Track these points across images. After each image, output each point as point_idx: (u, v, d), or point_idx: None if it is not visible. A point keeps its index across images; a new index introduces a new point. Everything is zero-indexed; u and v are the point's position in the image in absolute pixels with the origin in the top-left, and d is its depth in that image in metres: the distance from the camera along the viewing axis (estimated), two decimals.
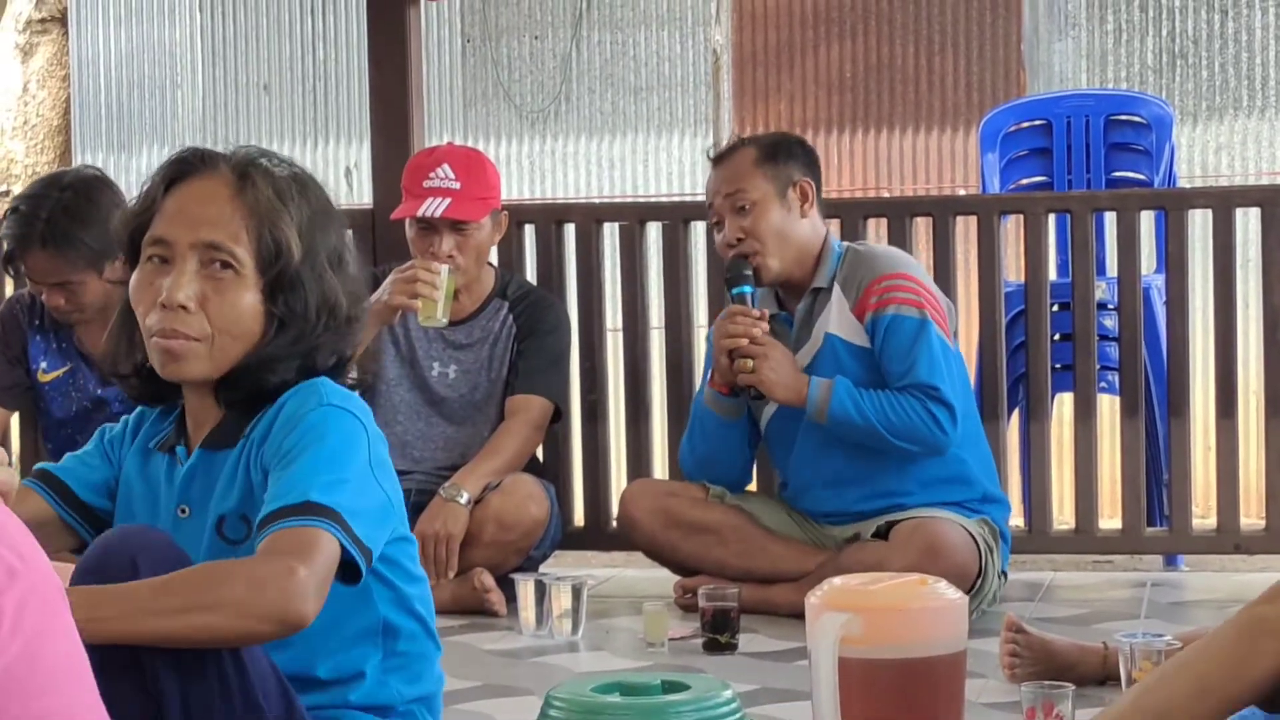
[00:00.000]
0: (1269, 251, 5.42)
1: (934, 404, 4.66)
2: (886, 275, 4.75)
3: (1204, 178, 9.41)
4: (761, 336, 4.76)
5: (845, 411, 4.68)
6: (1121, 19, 9.73)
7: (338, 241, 2.63)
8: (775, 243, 4.79)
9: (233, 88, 10.89)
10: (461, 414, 5.23)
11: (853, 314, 4.76)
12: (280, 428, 2.53)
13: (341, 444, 2.49)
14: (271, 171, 2.59)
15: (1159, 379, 5.70)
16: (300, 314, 2.56)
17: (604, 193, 10.24)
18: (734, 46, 10.19)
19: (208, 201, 2.55)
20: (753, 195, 4.79)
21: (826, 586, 2.76)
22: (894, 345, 4.70)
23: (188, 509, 2.60)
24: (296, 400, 2.55)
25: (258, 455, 2.55)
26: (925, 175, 10.04)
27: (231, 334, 2.54)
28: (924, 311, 4.70)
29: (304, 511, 2.40)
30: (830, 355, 4.78)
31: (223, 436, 2.60)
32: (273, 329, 2.56)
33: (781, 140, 4.95)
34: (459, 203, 5.09)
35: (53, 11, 11.74)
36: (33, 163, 11.72)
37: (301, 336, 2.57)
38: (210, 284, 2.53)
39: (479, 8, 10.48)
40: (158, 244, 2.56)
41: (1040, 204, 5.61)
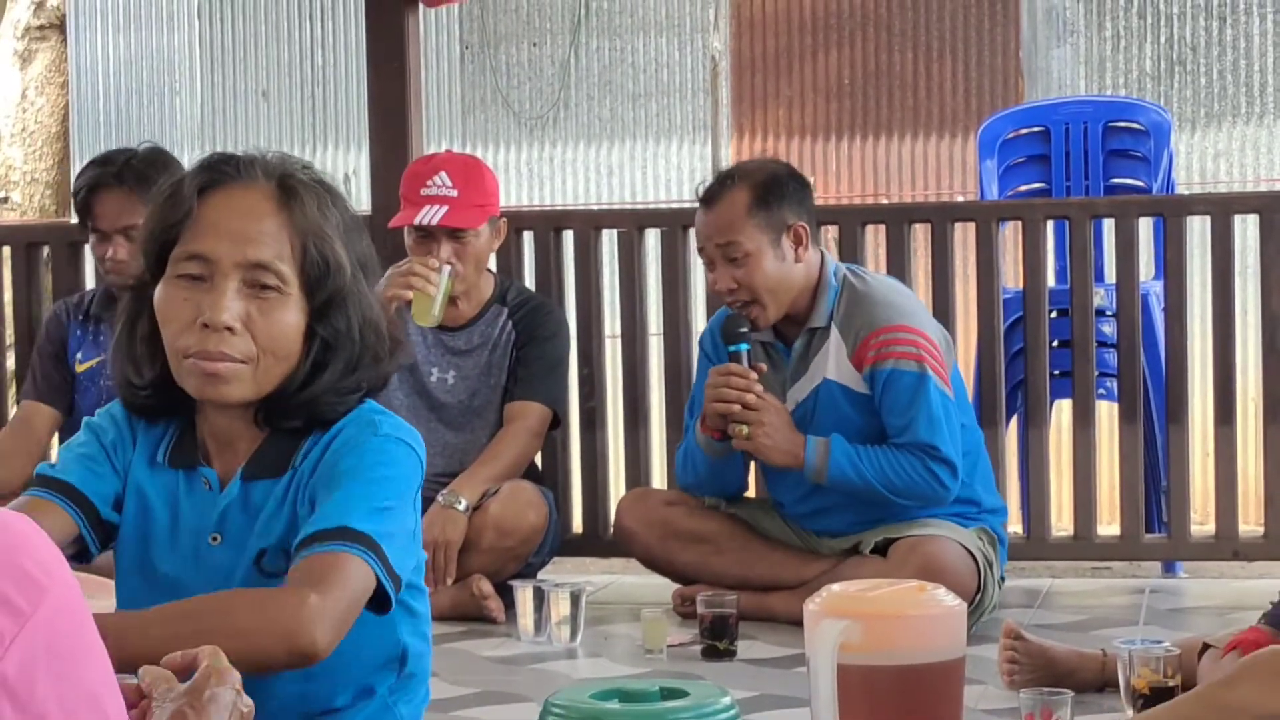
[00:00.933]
0: (1267, 258, 5.42)
1: (934, 463, 4.65)
2: (885, 328, 4.68)
3: (1202, 184, 9.42)
4: (755, 400, 4.71)
5: (843, 473, 4.66)
6: (1120, 25, 9.73)
7: (367, 249, 2.53)
8: (769, 293, 4.71)
9: (231, 94, 10.89)
10: (460, 420, 5.23)
11: (850, 363, 4.73)
12: (332, 456, 2.45)
13: (392, 473, 2.43)
14: (309, 182, 2.47)
15: (1157, 385, 5.70)
16: (346, 333, 2.45)
17: (602, 199, 10.24)
18: (732, 53, 10.20)
19: (252, 216, 2.42)
20: (746, 247, 4.69)
21: (825, 593, 2.76)
22: (892, 400, 4.67)
23: (220, 538, 2.48)
24: (352, 431, 2.46)
25: (307, 489, 2.46)
26: (924, 182, 10.04)
27: (276, 355, 2.42)
28: (923, 365, 4.66)
29: (339, 537, 2.34)
30: (829, 401, 4.75)
31: (267, 465, 2.49)
32: (314, 349, 2.44)
33: (772, 180, 4.77)
34: (456, 210, 5.09)
35: (51, 18, 11.74)
36: (31, 169, 11.72)
37: (351, 358, 2.46)
38: (255, 304, 2.40)
39: (477, 14, 10.48)
40: (196, 259, 2.41)
41: (1039, 210, 5.62)
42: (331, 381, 2.45)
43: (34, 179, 11.66)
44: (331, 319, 2.45)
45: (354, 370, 2.47)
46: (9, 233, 6.73)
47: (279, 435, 2.49)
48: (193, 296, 2.41)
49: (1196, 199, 6.45)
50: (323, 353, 2.45)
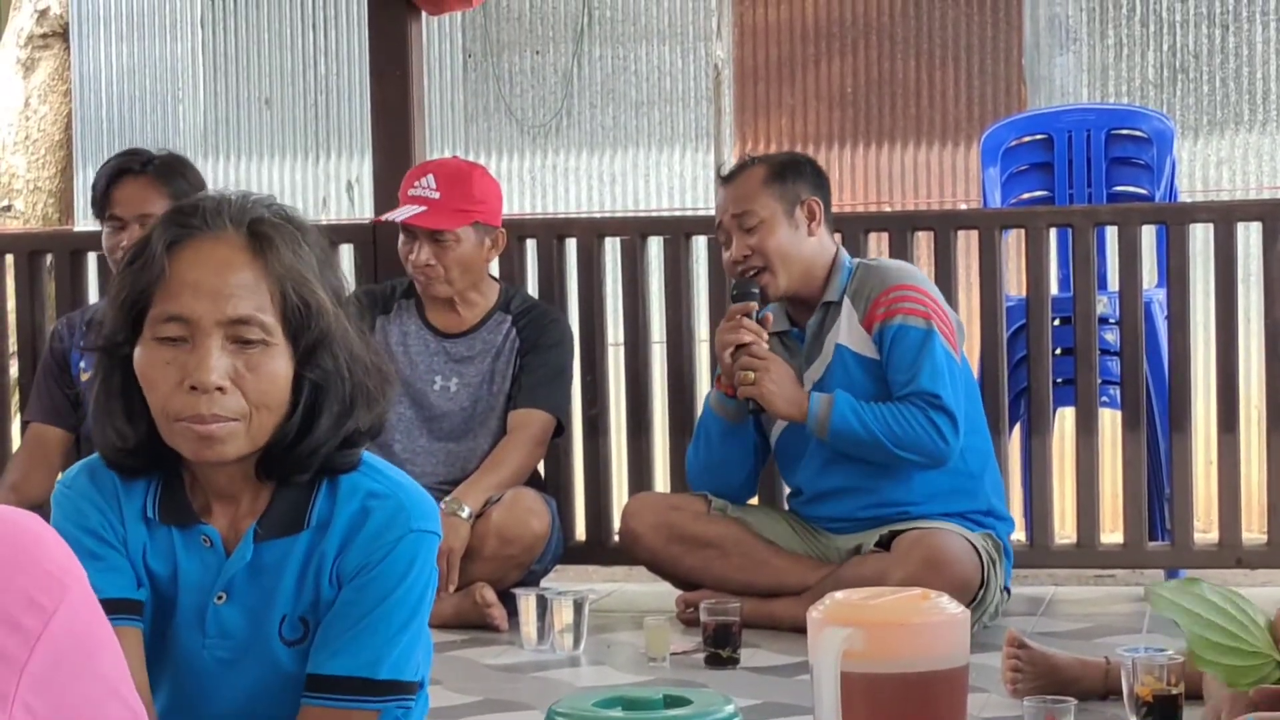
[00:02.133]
0: (1270, 266, 5.42)
1: (935, 412, 4.67)
2: (895, 286, 4.77)
3: (1205, 192, 9.41)
4: (763, 350, 4.77)
5: (847, 424, 4.69)
6: (1122, 33, 9.73)
7: (341, 281, 2.47)
8: (781, 260, 4.80)
9: (234, 102, 10.90)
10: (463, 428, 5.23)
11: (861, 326, 4.78)
12: (365, 549, 2.40)
13: (423, 590, 2.41)
14: (277, 223, 2.39)
15: (1160, 393, 5.70)
16: (336, 373, 2.39)
17: (605, 207, 10.24)
18: (735, 61, 10.20)
19: (227, 270, 2.34)
20: (760, 214, 4.80)
21: (828, 601, 2.76)
22: (898, 354, 4.72)
23: (226, 595, 2.44)
24: (383, 519, 2.40)
25: (334, 564, 2.41)
26: (926, 190, 10.04)
27: (269, 407, 2.35)
28: (930, 322, 4.71)
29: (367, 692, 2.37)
30: (840, 367, 4.80)
31: (279, 524, 2.43)
32: (305, 395, 2.38)
33: (790, 160, 4.95)
34: (433, 212, 5.12)
35: (54, 27, 11.75)
36: (34, 177, 11.73)
37: (345, 398, 2.40)
38: (241, 359, 2.33)
39: (480, 23, 10.49)
40: (175, 321, 2.33)
41: (1041, 218, 5.62)
42: (329, 426, 2.40)
43: (37, 187, 11.66)
44: (319, 362, 2.38)
45: (350, 411, 2.41)
46: (12, 241, 6.73)
47: (288, 489, 2.44)
48: (175, 359, 2.34)
49: (1199, 207, 6.45)
50: (314, 397, 2.39)
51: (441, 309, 5.29)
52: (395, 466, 2.53)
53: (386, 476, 2.47)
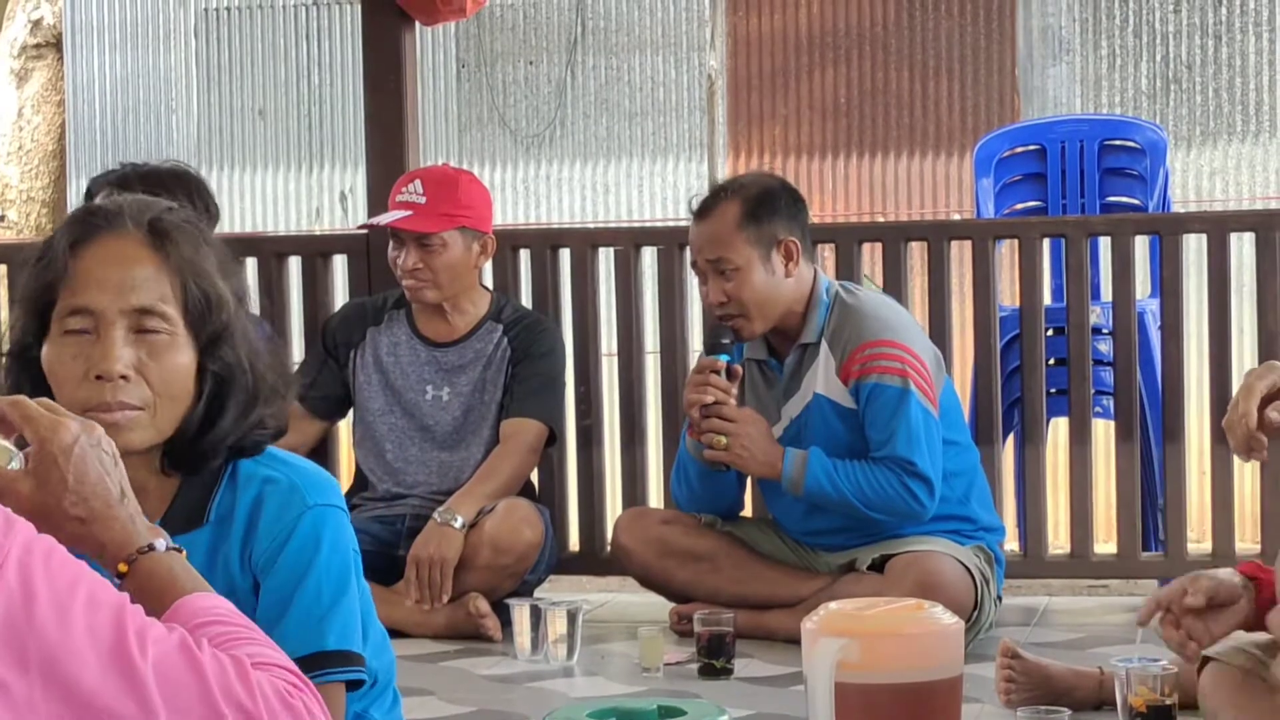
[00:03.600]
0: (1263, 276, 5.43)
1: (910, 478, 4.66)
2: (870, 343, 4.70)
3: (1198, 202, 9.43)
4: (732, 412, 4.73)
5: (820, 486, 4.68)
6: (1115, 44, 9.75)
7: (244, 284, 2.53)
8: (758, 308, 4.73)
9: (228, 112, 10.90)
10: (455, 437, 5.23)
11: (838, 377, 4.74)
12: (268, 534, 2.44)
13: (339, 560, 2.44)
14: (179, 222, 2.46)
15: (1154, 403, 5.70)
16: (237, 365, 2.45)
17: (599, 217, 10.25)
18: (729, 72, 10.21)
19: (128, 262, 2.41)
20: (736, 261, 4.71)
21: (823, 611, 2.76)
22: (874, 413, 4.69)
23: None
24: (278, 500, 2.46)
25: (242, 554, 2.46)
26: (920, 200, 10.05)
27: (172, 397, 2.41)
28: (906, 380, 4.67)
29: (316, 666, 2.37)
30: (819, 415, 4.77)
31: (182, 519, 2.47)
32: (207, 387, 2.43)
33: (764, 194, 4.78)
34: (419, 216, 5.13)
35: (48, 37, 11.75)
36: (27, 188, 11.73)
37: (249, 391, 2.46)
38: (144, 349, 2.39)
39: (474, 33, 10.50)
40: (79, 314, 2.39)
41: (1035, 229, 5.62)
42: (234, 417, 2.45)
43: (30, 197, 11.66)
44: (221, 354, 2.44)
45: (254, 403, 2.46)
46: (5, 251, 6.73)
47: (190, 485, 2.49)
48: (81, 351, 2.39)
49: (1192, 217, 6.45)
50: (218, 389, 2.44)
51: (432, 318, 5.29)
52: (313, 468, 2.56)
53: (282, 461, 2.52)
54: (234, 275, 2.50)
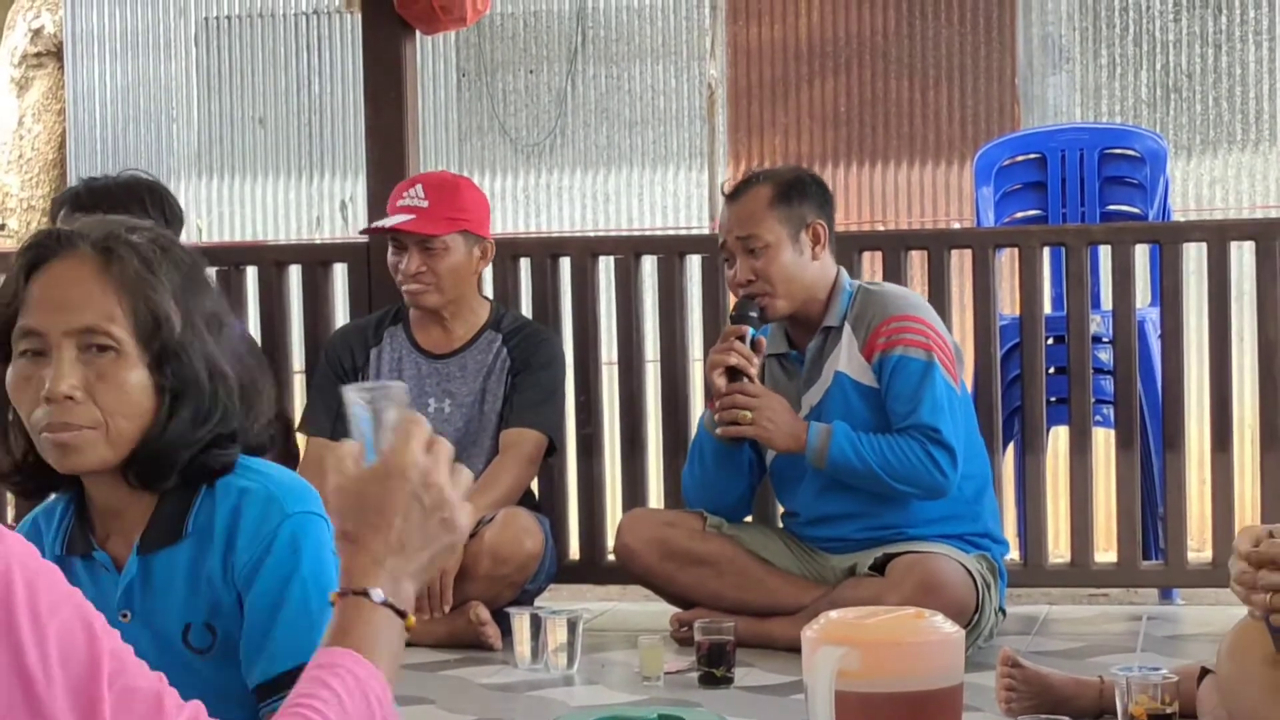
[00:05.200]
0: (1263, 285, 5.43)
1: (934, 446, 4.67)
2: (896, 316, 4.75)
3: (1198, 211, 9.43)
4: (755, 386, 4.75)
5: (845, 456, 4.69)
6: (1115, 53, 9.75)
7: (213, 305, 2.52)
8: (784, 285, 4.79)
9: (228, 121, 10.91)
10: (456, 448, 5.20)
11: (861, 354, 4.77)
12: (248, 547, 2.45)
13: (323, 568, 2.44)
14: (134, 242, 2.46)
15: (1154, 412, 5.70)
16: (192, 381, 2.44)
17: (599, 226, 10.25)
18: (729, 81, 10.22)
19: (74, 284, 2.42)
20: (766, 238, 4.78)
21: (823, 619, 2.76)
22: (899, 386, 4.70)
23: (130, 614, 2.48)
24: (256, 512, 2.47)
25: (224, 569, 2.47)
26: (920, 209, 10.05)
27: (125, 415, 2.41)
28: (931, 354, 4.70)
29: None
30: (839, 394, 4.79)
31: (160, 534, 2.49)
32: (165, 403, 2.44)
33: (796, 179, 4.91)
34: (422, 219, 5.14)
35: (48, 45, 11.76)
36: (28, 196, 11.73)
37: (201, 406, 2.45)
38: (93, 369, 2.40)
39: (475, 42, 10.50)
40: (29, 336, 2.41)
41: (1035, 237, 5.62)
42: (183, 432, 2.44)
43: (30, 206, 11.67)
44: (172, 369, 2.44)
45: (208, 417, 2.46)
46: (6, 260, 6.74)
47: (167, 501, 2.49)
48: (35, 373, 2.41)
49: (1192, 226, 6.46)
50: (172, 404, 2.44)
51: (430, 329, 5.29)
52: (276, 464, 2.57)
53: (258, 472, 2.53)
54: (199, 289, 2.51)
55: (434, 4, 5.62)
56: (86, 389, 2.40)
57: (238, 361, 2.53)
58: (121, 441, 2.43)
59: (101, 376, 2.40)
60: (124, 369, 2.41)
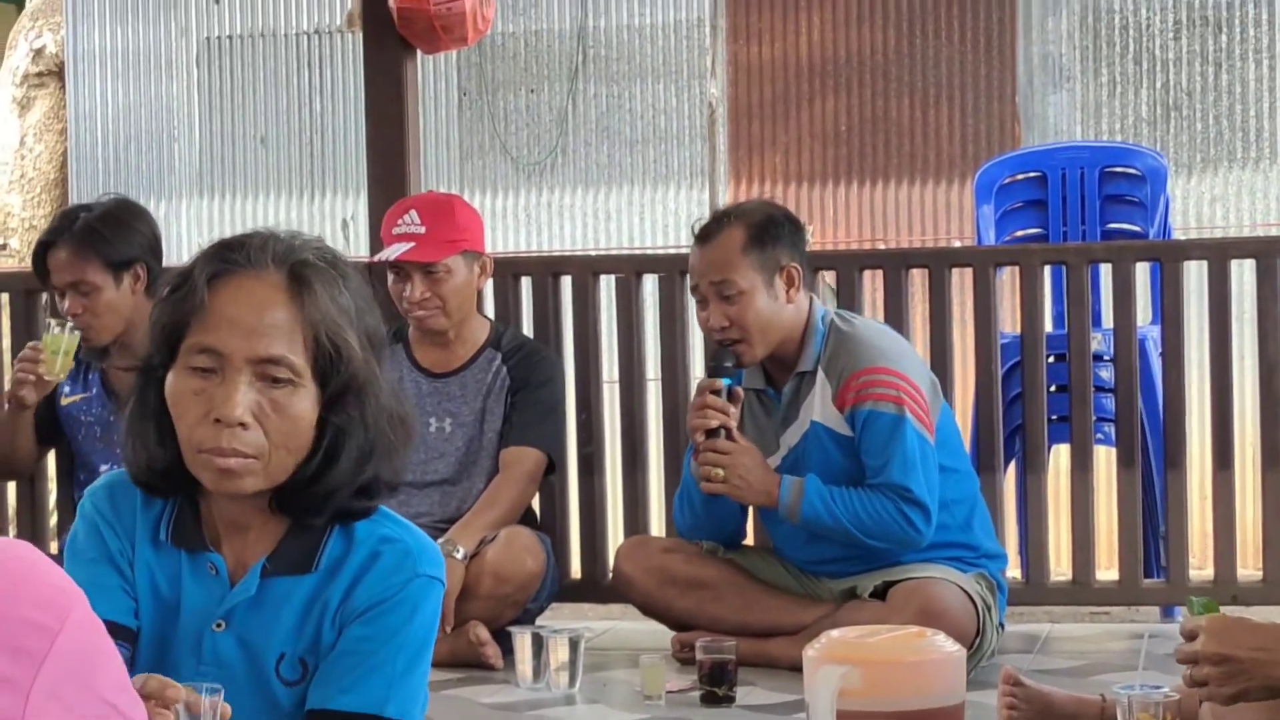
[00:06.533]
0: (1264, 303, 5.43)
1: (906, 505, 4.66)
2: (866, 369, 4.71)
3: (1199, 229, 9.43)
4: (727, 444, 4.72)
5: (816, 513, 4.69)
6: (1115, 72, 9.76)
7: (376, 325, 2.48)
8: (760, 333, 4.74)
9: (230, 140, 10.91)
10: (457, 467, 5.23)
11: (834, 405, 4.75)
12: (371, 591, 2.42)
13: (427, 634, 2.44)
14: (320, 266, 2.40)
15: (1155, 430, 5.70)
16: (360, 420, 2.40)
17: (600, 245, 10.25)
18: (729, 100, 10.22)
19: (263, 308, 2.36)
20: (740, 284, 4.72)
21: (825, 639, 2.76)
22: (870, 441, 4.69)
23: (225, 624, 2.46)
24: (391, 560, 2.43)
25: (338, 609, 2.44)
26: (921, 227, 10.06)
27: (288, 448, 2.37)
28: (901, 407, 4.68)
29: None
30: (816, 442, 4.77)
31: (289, 562, 2.46)
32: (326, 438, 2.39)
33: (768, 220, 4.81)
34: (422, 246, 5.14)
35: (50, 65, 11.77)
36: (30, 216, 11.74)
37: (365, 446, 2.41)
38: (267, 397, 2.36)
39: (476, 61, 10.51)
40: (207, 353, 2.36)
41: (1036, 256, 5.63)
42: (346, 471, 2.41)
43: (32, 226, 11.67)
44: (345, 407, 2.40)
45: (369, 459, 2.42)
46: (8, 279, 6.74)
47: (300, 530, 2.46)
48: (205, 390, 2.36)
49: (1193, 244, 6.47)
50: (335, 441, 2.40)
51: (430, 348, 5.29)
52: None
53: (398, 523, 2.50)
54: (369, 319, 2.46)
55: (435, 24, 5.63)
56: (258, 416, 2.36)
57: (394, 391, 2.49)
58: (278, 472, 2.39)
59: (275, 407, 2.36)
60: (297, 401, 2.37)
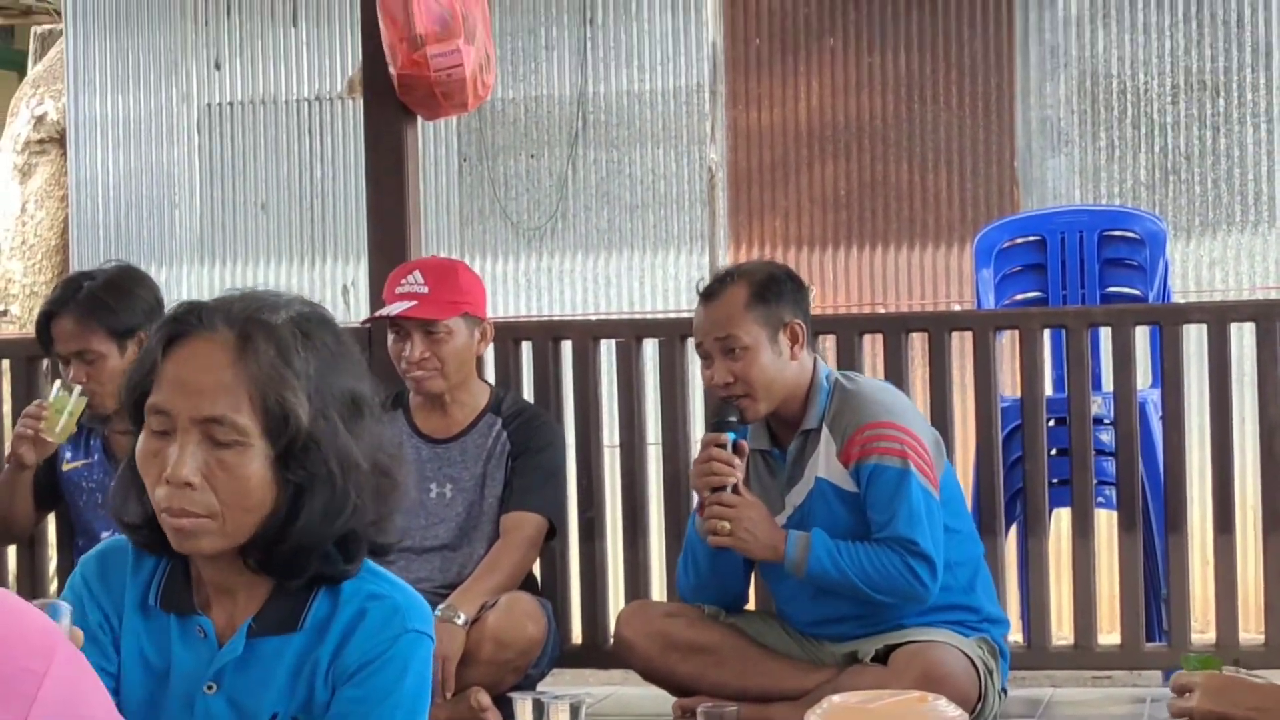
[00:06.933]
0: (1264, 366, 5.43)
1: (913, 558, 4.66)
2: (870, 424, 4.72)
3: (1198, 292, 9.44)
4: (733, 497, 4.73)
5: (823, 567, 4.68)
6: (1114, 135, 9.79)
7: (355, 387, 2.47)
8: (765, 388, 4.75)
9: (231, 207, 10.94)
10: (458, 533, 5.22)
11: (839, 459, 4.75)
12: (361, 649, 2.43)
13: (419, 690, 2.44)
14: (274, 325, 2.42)
15: (1156, 494, 5.70)
16: (321, 476, 2.40)
17: (600, 309, 10.27)
18: (729, 165, 10.25)
19: (206, 369, 2.39)
20: (744, 340, 4.74)
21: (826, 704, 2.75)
22: (875, 495, 4.69)
23: (216, 686, 2.47)
24: (379, 617, 2.44)
25: (329, 668, 2.44)
26: (920, 291, 10.07)
27: (242, 507, 2.38)
28: (906, 461, 4.68)
29: None
30: (821, 499, 4.77)
31: (275, 622, 2.47)
32: (287, 496, 2.40)
33: (770, 278, 4.84)
34: (423, 305, 5.14)
35: (51, 132, 11.81)
36: (30, 282, 11.76)
37: (330, 501, 2.41)
38: (215, 457, 2.37)
39: (476, 127, 10.55)
40: (158, 414, 2.40)
41: (1035, 319, 5.63)
42: (312, 529, 2.41)
43: (33, 292, 11.69)
44: (301, 463, 2.40)
45: (338, 515, 2.42)
46: (9, 346, 6.75)
47: (285, 590, 2.47)
48: (161, 450, 2.40)
49: (1192, 307, 6.47)
50: (295, 499, 2.41)
51: (431, 413, 5.28)
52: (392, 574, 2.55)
53: (385, 579, 2.51)
54: (339, 373, 2.46)
55: (435, 90, 5.64)
56: (206, 477, 2.38)
57: (376, 450, 2.48)
58: (239, 532, 2.40)
59: (223, 466, 2.38)
60: (245, 460, 2.38)
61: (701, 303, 4.87)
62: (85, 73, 11.12)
